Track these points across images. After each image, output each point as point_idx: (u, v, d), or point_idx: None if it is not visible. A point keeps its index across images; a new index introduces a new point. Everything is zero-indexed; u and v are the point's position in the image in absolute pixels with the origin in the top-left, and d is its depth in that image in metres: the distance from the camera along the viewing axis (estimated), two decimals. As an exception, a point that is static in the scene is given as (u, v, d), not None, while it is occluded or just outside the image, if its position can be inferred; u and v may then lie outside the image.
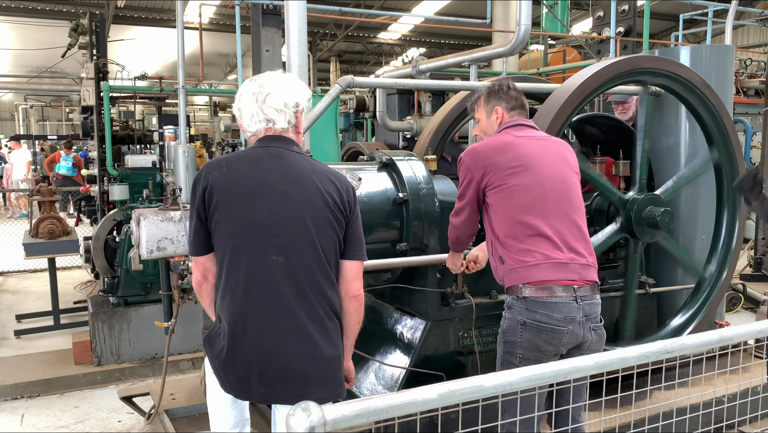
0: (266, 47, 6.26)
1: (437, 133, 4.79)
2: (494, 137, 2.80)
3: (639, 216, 3.54)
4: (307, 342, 2.15)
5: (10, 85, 19.55)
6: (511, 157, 2.66)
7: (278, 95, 2.24)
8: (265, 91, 2.24)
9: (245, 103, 2.27)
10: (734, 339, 1.99)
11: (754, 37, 22.73)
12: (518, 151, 2.68)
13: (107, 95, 6.84)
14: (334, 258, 2.26)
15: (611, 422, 2.77)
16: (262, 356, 2.14)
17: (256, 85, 2.26)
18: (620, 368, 1.75)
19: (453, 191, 3.72)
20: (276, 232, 2.16)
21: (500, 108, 2.85)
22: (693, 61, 4.23)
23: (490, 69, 12.00)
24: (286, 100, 2.25)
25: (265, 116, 2.24)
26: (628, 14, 10.29)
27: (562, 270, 2.56)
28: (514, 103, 2.85)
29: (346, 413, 1.32)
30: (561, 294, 2.53)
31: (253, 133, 2.29)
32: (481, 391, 1.51)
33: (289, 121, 2.27)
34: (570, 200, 2.68)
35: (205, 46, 9.92)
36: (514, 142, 2.72)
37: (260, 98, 2.24)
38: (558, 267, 2.56)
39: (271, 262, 2.15)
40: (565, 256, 2.58)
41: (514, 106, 2.85)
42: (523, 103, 2.87)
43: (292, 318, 2.15)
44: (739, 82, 10.63)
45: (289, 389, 2.16)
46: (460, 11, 17.60)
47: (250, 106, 2.25)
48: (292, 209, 2.17)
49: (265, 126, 2.26)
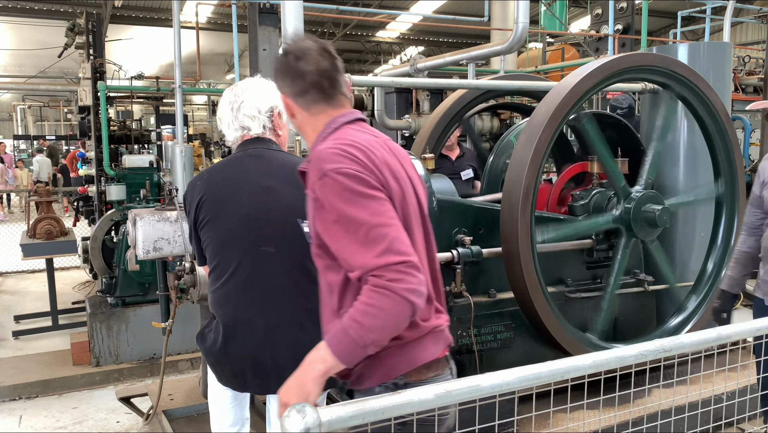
0: (263, 46, 6.25)
1: (435, 131, 4.78)
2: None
3: (638, 210, 3.53)
4: (300, 333, 2.18)
5: (7, 85, 19.54)
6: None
7: (251, 102, 2.31)
8: (239, 100, 2.32)
9: (223, 113, 2.35)
10: (733, 337, 1.98)
11: (752, 35, 22.72)
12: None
13: (104, 95, 6.83)
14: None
15: (609, 420, 2.76)
16: (255, 348, 2.17)
17: (233, 94, 2.34)
18: (618, 367, 1.74)
19: (452, 190, 3.71)
20: (264, 224, 2.20)
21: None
22: (691, 58, 4.22)
23: (488, 67, 11.98)
24: (260, 107, 2.31)
25: (239, 124, 2.32)
26: (626, 12, 10.29)
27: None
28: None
29: (342, 414, 1.31)
30: None
31: (232, 141, 2.37)
32: (477, 391, 1.50)
33: (264, 125, 2.33)
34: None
35: (203, 46, 9.90)
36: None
37: (235, 107, 2.32)
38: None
39: (261, 253, 2.19)
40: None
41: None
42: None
43: (285, 309, 2.18)
44: (738, 79, 10.61)
45: (284, 379, 2.17)
46: (458, 9, 17.57)
47: (226, 115, 2.33)
48: (278, 201, 2.22)
49: (241, 133, 2.34)
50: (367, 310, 1.59)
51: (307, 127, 1.89)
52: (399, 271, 1.59)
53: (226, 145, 6.70)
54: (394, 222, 1.66)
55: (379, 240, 1.61)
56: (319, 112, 1.86)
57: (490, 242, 3.45)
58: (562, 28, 12.47)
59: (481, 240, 3.46)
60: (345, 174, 1.65)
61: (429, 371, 1.81)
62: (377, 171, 1.72)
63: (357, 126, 1.87)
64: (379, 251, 1.60)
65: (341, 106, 1.89)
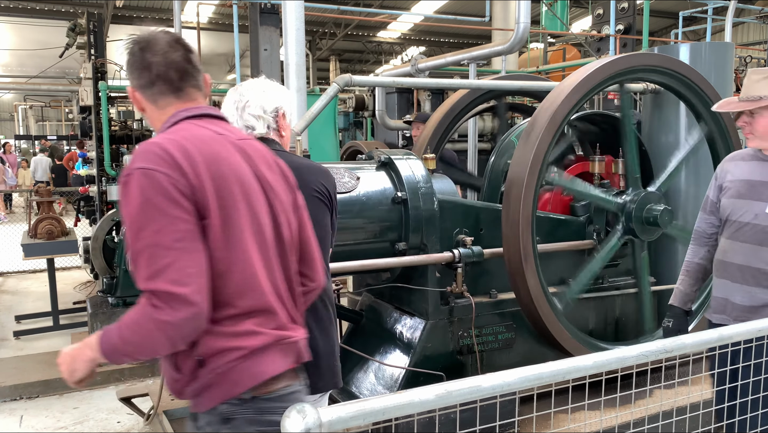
0: (264, 46, 6.25)
1: (436, 131, 4.78)
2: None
3: (639, 216, 3.56)
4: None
5: (9, 85, 19.56)
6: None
7: (256, 102, 2.31)
8: (244, 99, 2.31)
9: (228, 112, 2.34)
10: (734, 337, 1.97)
11: (753, 35, 22.70)
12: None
13: (105, 95, 6.83)
14: (328, 246, 2.34)
15: (611, 421, 2.75)
16: None
17: (238, 93, 2.34)
18: (619, 368, 1.74)
19: (452, 190, 3.71)
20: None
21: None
22: (693, 58, 4.21)
23: (489, 67, 11.99)
24: (265, 107, 2.31)
25: (244, 123, 2.31)
26: (627, 12, 10.27)
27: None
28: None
29: (342, 415, 1.31)
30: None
31: None
32: (479, 392, 1.50)
33: (269, 125, 2.33)
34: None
35: (204, 46, 9.90)
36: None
37: (240, 106, 2.31)
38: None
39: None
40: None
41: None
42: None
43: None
44: (739, 80, 10.60)
45: None
46: (460, 10, 17.57)
47: (231, 114, 2.33)
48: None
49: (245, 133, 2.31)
50: (130, 324, 1.59)
51: (156, 121, 1.78)
52: (163, 300, 1.53)
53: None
54: (180, 245, 1.55)
55: (154, 261, 1.53)
56: (166, 106, 1.76)
57: (491, 242, 3.45)
58: (563, 28, 12.46)
59: (482, 240, 3.46)
60: (149, 177, 1.55)
61: (278, 383, 1.71)
62: (193, 176, 1.59)
63: (199, 122, 1.74)
64: (151, 273, 1.53)
65: (192, 100, 1.78)
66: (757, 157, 2.62)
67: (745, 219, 2.55)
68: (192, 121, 1.73)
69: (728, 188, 2.66)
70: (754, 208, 2.53)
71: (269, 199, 1.79)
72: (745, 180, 2.60)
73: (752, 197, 2.55)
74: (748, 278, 2.55)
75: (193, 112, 1.75)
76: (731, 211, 2.62)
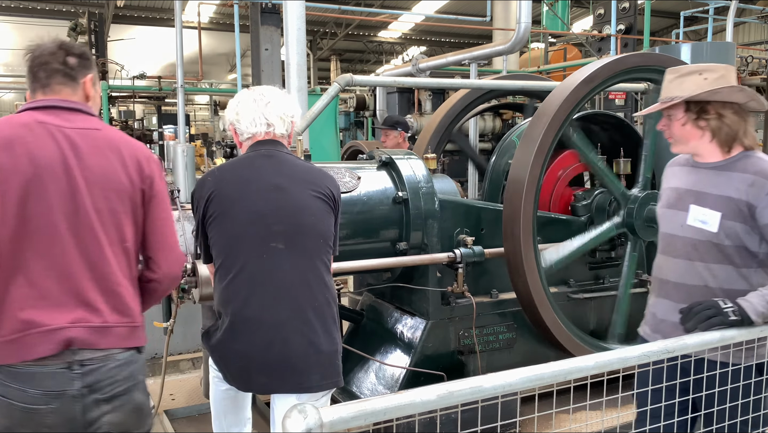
0: (265, 46, 6.25)
1: (437, 131, 4.78)
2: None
3: (640, 213, 3.52)
4: (306, 329, 2.20)
5: (10, 85, 19.56)
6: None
7: (279, 104, 2.36)
8: (266, 99, 2.35)
9: (245, 108, 2.35)
10: (736, 338, 1.97)
11: (755, 35, 22.67)
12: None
13: (106, 95, 6.84)
14: (331, 246, 2.33)
15: (612, 421, 2.75)
16: (261, 344, 2.17)
17: (257, 93, 2.38)
18: (621, 368, 1.74)
19: (453, 190, 3.71)
20: (274, 220, 2.22)
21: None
22: (694, 58, 4.21)
23: (490, 67, 11.98)
24: (286, 111, 2.37)
25: (266, 120, 2.33)
26: (628, 12, 10.28)
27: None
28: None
29: (343, 415, 1.31)
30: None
31: (252, 135, 2.36)
32: (480, 392, 1.50)
33: (287, 129, 2.39)
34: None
35: (205, 46, 9.91)
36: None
37: (262, 103, 2.33)
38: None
39: (271, 249, 2.20)
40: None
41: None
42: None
43: (292, 305, 2.20)
44: (740, 80, 10.60)
45: (289, 377, 2.20)
46: (461, 9, 17.56)
47: (250, 110, 2.34)
48: (289, 199, 2.25)
49: (265, 129, 2.34)
50: None
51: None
52: None
53: (228, 145, 6.76)
54: None
55: None
56: (32, 97, 1.99)
57: (492, 242, 3.45)
58: (564, 28, 12.46)
59: (482, 240, 3.46)
60: None
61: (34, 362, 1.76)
62: None
63: (31, 112, 1.90)
64: None
65: (54, 93, 1.95)
66: (689, 164, 2.34)
67: (672, 231, 2.32)
68: (29, 111, 1.92)
69: (660, 197, 2.46)
70: (679, 219, 2.28)
71: (73, 185, 1.85)
72: (673, 188, 2.37)
73: (678, 207, 2.30)
74: (684, 297, 2.24)
75: (35, 104, 1.94)
76: (661, 223, 2.40)
